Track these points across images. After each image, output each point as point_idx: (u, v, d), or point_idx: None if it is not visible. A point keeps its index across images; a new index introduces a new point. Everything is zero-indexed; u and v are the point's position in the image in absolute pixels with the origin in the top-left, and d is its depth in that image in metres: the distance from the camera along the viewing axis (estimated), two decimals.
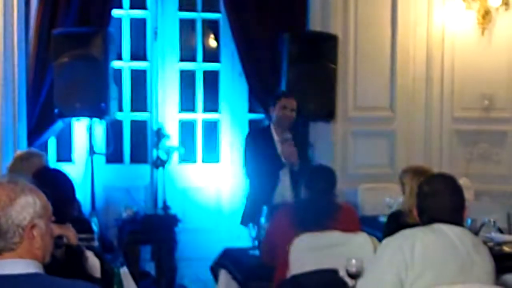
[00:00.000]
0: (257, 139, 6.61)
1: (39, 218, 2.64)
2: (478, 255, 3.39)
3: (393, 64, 8.03)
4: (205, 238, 7.59)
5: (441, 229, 3.38)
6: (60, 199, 3.72)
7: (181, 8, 7.80)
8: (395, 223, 4.88)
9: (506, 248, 5.68)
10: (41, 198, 2.67)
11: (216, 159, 7.96)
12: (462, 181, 7.24)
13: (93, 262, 3.89)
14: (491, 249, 5.53)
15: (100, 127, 7.34)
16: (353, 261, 4.02)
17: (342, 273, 4.19)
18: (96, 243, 4.63)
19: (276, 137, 6.54)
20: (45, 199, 2.69)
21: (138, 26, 7.76)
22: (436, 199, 3.50)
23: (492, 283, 3.39)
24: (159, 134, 7.07)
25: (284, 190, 6.54)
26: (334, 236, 4.67)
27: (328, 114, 7.36)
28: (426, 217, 3.50)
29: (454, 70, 8.11)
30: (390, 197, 6.43)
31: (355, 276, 3.98)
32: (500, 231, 6.20)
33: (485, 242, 5.58)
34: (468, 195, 7.25)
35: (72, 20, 7.05)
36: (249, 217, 6.45)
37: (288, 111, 6.48)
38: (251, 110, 7.99)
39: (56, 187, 3.77)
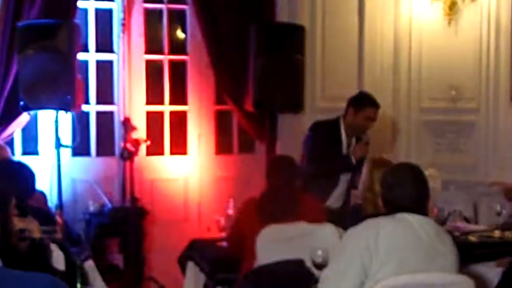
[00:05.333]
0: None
1: None
2: (442, 244, 3.40)
3: (361, 55, 8.06)
4: (173, 230, 7.57)
5: (405, 218, 3.39)
6: (21, 192, 3.69)
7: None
8: (358, 213, 4.89)
9: (472, 238, 5.72)
10: None
11: (184, 151, 7.92)
12: (430, 171, 7.31)
13: (58, 255, 3.86)
14: (457, 239, 5.58)
15: (66, 120, 7.28)
16: (319, 251, 4.02)
17: (308, 264, 4.20)
18: (59, 235, 4.59)
19: (344, 138, 6.50)
20: None
21: (104, 18, 7.70)
22: (401, 189, 3.50)
23: (455, 272, 3.40)
24: (126, 126, 7.03)
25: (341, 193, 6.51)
26: (300, 227, 4.67)
27: (296, 105, 7.32)
28: (391, 207, 3.50)
29: (422, 61, 8.16)
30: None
31: (321, 266, 3.97)
32: (467, 220, 6.26)
33: (451, 232, 5.63)
34: (435, 185, 7.37)
35: (37, 11, 6.96)
36: None
37: (370, 123, 6.46)
38: (218, 101, 7.97)
39: (15, 180, 3.74)
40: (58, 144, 6.96)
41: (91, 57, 7.62)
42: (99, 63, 7.68)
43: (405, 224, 3.37)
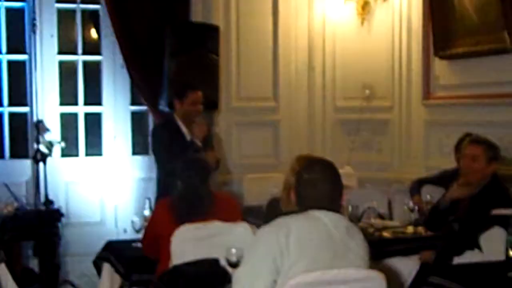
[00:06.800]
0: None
1: None
2: (352, 240, 3.42)
3: (275, 55, 8.13)
4: (89, 232, 7.50)
5: (316, 215, 3.40)
6: None
7: None
8: (274, 210, 4.91)
9: (386, 234, 5.79)
10: None
11: (99, 152, 7.85)
12: (346, 169, 7.43)
13: None
14: (371, 235, 5.66)
15: None
16: (233, 250, 4.04)
17: (223, 263, 4.21)
18: None
19: (184, 129, 6.50)
20: None
21: (16, 17, 7.57)
22: (316, 188, 3.49)
23: (366, 267, 3.43)
24: (39, 128, 6.93)
25: None
26: (215, 226, 4.67)
27: (211, 105, 7.33)
28: (305, 204, 3.50)
29: (336, 60, 8.26)
30: (275, 187, 6.47)
31: (235, 265, 3.99)
32: (381, 217, 6.35)
33: (365, 228, 5.71)
34: (351, 182, 7.47)
35: None
36: None
37: (198, 105, 6.47)
38: (133, 102, 7.92)
39: None
40: None
41: (2, 57, 7.49)
42: (11, 64, 7.56)
43: (317, 221, 3.39)
